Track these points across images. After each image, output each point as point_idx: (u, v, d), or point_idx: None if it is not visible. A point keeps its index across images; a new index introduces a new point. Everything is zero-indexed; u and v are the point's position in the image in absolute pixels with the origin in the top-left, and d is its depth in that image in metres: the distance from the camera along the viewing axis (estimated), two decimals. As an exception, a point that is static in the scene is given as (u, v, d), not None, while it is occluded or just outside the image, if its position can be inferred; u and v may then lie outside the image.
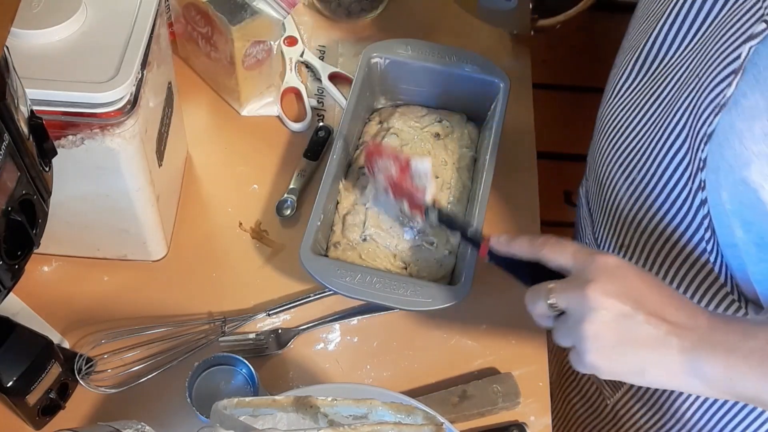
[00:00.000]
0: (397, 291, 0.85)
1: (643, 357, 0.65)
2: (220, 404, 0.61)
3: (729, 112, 0.66)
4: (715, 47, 0.68)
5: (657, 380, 0.66)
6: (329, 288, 0.85)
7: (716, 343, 0.62)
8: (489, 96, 1.00)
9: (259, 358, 0.89)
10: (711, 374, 0.62)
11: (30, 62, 0.73)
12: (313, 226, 0.88)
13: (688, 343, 0.63)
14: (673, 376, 0.65)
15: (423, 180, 0.84)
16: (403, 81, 1.03)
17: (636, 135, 0.79)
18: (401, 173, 0.85)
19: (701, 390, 0.65)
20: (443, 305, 0.86)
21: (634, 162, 0.78)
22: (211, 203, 1.01)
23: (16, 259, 0.65)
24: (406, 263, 0.91)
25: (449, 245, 0.92)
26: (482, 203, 0.91)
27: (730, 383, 0.62)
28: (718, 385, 0.63)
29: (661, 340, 0.64)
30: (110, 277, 0.94)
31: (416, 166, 0.84)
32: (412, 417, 0.62)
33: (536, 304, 0.70)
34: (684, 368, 0.63)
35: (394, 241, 0.91)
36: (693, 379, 0.63)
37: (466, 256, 0.87)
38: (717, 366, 0.62)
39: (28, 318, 0.87)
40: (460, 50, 1.02)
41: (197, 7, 1.01)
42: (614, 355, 0.66)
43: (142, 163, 0.82)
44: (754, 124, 0.64)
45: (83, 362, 0.84)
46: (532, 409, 0.88)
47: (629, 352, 0.65)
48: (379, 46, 1.02)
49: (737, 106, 0.65)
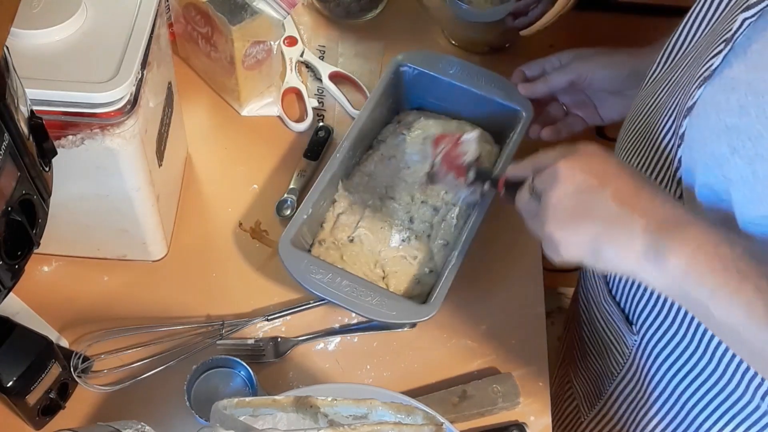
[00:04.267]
0: (364, 298, 0.85)
1: (600, 231, 0.63)
2: (220, 404, 0.61)
3: (712, 84, 0.65)
4: (720, 26, 0.67)
5: (610, 260, 0.64)
6: (297, 281, 0.85)
7: (689, 237, 0.60)
8: (511, 122, 0.99)
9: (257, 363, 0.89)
10: (671, 264, 0.60)
11: (30, 62, 0.73)
12: (299, 219, 0.89)
13: (655, 227, 0.61)
14: (627, 257, 0.62)
15: (467, 146, 0.88)
16: (429, 94, 1.03)
17: (639, 121, 0.78)
18: (453, 147, 0.88)
19: (650, 279, 0.62)
20: (407, 320, 0.87)
21: (633, 147, 0.78)
22: (211, 203, 1.01)
23: (16, 259, 0.65)
24: (385, 273, 0.91)
25: (432, 263, 0.92)
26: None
27: (683, 281, 0.59)
28: (671, 279, 0.60)
29: (624, 217, 0.62)
30: (110, 277, 0.94)
31: (465, 138, 0.89)
32: (412, 417, 0.62)
33: (522, 194, 0.71)
34: (644, 250, 0.61)
35: (379, 247, 0.92)
36: (648, 265, 0.61)
37: (444, 277, 0.87)
38: (681, 257, 0.59)
39: (28, 318, 0.87)
40: (490, 73, 1.01)
41: (197, 7, 1.01)
42: (571, 225, 0.65)
43: (142, 163, 0.82)
44: (732, 95, 0.62)
45: (80, 360, 0.84)
46: (532, 409, 0.88)
47: (587, 224, 0.64)
48: (410, 55, 1.02)
49: (720, 77, 0.64)
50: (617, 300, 0.83)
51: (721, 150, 0.63)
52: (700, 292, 0.59)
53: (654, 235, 0.60)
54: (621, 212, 0.62)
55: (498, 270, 0.97)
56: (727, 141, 0.62)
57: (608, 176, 0.64)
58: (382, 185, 0.97)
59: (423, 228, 0.94)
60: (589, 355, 0.96)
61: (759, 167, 0.60)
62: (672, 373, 0.78)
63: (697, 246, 0.59)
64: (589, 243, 0.64)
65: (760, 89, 0.60)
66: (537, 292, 0.95)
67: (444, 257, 0.91)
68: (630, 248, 0.62)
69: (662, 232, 0.60)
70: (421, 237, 0.93)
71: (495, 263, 0.97)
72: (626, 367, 0.86)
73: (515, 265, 0.97)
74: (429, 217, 0.94)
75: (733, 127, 0.62)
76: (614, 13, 1.22)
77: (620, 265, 0.64)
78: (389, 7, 1.19)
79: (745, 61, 0.62)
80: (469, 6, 1.07)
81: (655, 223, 0.61)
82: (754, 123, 0.60)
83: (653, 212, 0.62)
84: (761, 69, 0.61)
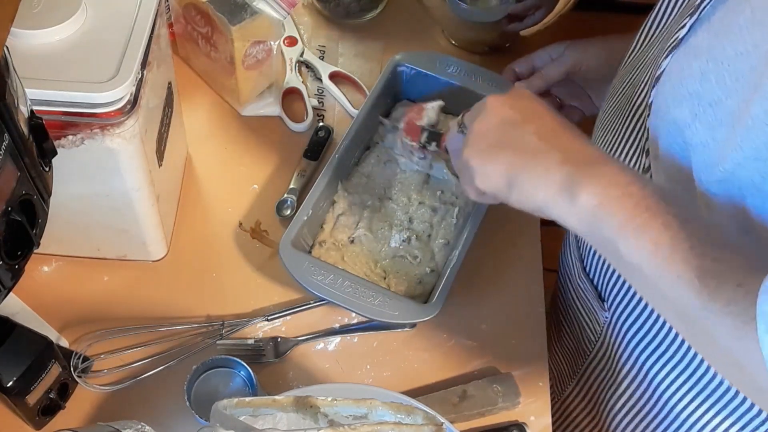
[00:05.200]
0: (366, 298, 0.85)
1: (517, 162, 0.64)
2: (220, 404, 0.61)
3: (677, 51, 0.66)
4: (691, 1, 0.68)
5: (524, 192, 0.64)
6: (299, 283, 0.85)
7: (602, 173, 0.60)
8: None
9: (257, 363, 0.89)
10: (583, 200, 0.60)
11: (30, 62, 0.73)
12: (299, 220, 0.89)
13: (572, 163, 0.62)
14: (541, 189, 0.63)
15: (427, 113, 0.88)
16: (428, 94, 1.02)
17: (616, 99, 0.79)
18: (415, 114, 0.89)
19: (559, 213, 0.63)
20: (409, 320, 0.86)
21: (610, 123, 0.79)
22: (211, 203, 1.01)
23: (16, 259, 0.65)
24: (386, 273, 0.91)
25: (433, 263, 0.92)
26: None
27: (594, 218, 0.60)
28: (581, 214, 0.61)
29: (543, 151, 0.63)
30: (110, 277, 0.94)
31: (427, 106, 0.89)
32: (412, 417, 0.62)
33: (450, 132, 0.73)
34: (557, 182, 0.62)
35: (379, 247, 0.92)
36: (560, 199, 0.62)
37: (446, 276, 0.87)
38: (593, 192, 0.60)
39: (28, 318, 0.87)
40: (486, 72, 1.02)
41: (197, 7, 1.01)
42: (490, 153, 0.66)
43: (142, 163, 0.82)
44: (694, 62, 0.63)
45: (80, 360, 0.84)
46: (532, 409, 0.88)
47: (505, 153, 0.65)
48: (408, 55, 1.02)
49: (685, 44, 0.65)
50: (590, 276, 0.85)
51: (683, 116, 0.63)
52: (608, 229, 0.59)
53: (569, 169, 0.61)
54: (540, 146, 0.64)
55: (498, 270, 0.97)
56: (689, 107, 0.63)
57: (534, 115, 0.67)
58: (381, 186, 0.97)
59: (423, 228, 0.94)
60: (564, 333, 0.98)
61: (718, 133, 0.60)
62: (640, 350, 0.79)
63: (609, 183, 0.60)
64: (504, 172, 0.65)
65: (720, 56, 0.60)
66: (537, 292, 0.95)
67: (445, 257, 0.91)
68: (545, 180, 0.62)
69: (578, 167, 0.61)
70: (422, 237, 0.93)
71: (495, 263, 0.97)
72: (598, 344, 0.87)
73: (515, 265, 0.97)
74: (428, 217, 0.94)
75: (694, 93, 0.62)
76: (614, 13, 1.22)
77: (533, 198, 0.64)
78: (389, 7, 1.19)
79: (708, 29, 0.63)
80: (469, 6, 1.07)
81: (572, 159, 0.62)
82: (714, 89, 0.61)
83: (572, 150, 0.63)
84: (722, 36, 0.61)
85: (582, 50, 0.97)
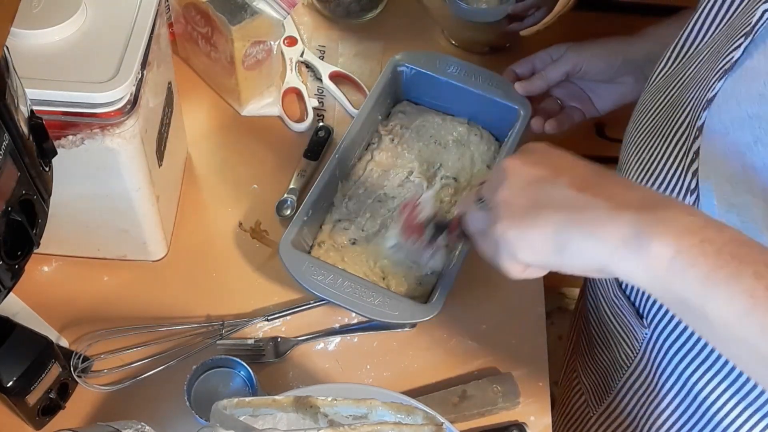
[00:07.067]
0: (366, 298, 0.85)
1: (561, 221, 0.54)
2: (220, 404, 0.61)
3: (732, 75, 0.64)
4: (738, 21, 0.67)
5: (577, 253, 0.54)
6: (300, 284, 0.85)
7: (670, 218, 0.51)
8: (509, 121, 0.99)
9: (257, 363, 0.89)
10: (655, 251, 0.51)
11: (30, 62, 0.73)
12: (299, 220, 0.89)
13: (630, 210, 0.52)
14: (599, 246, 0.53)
15: (423, 206, 0.81)
16: (427, 94, 1.03)
17: (650, 117, 0.78)
18: (411, 214, 0.82)
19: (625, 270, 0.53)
20: (409, 321, 0.86)
21: (644, 143, 0.77)
22: (211, 203, 1.01)
23: (16, 259, 0.65)
24: (385, 274, 0.91)
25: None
26: None
27: (669, 272, 0.51)
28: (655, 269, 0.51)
29: (589, 203, 0.53)
30: (110, 277, 0.94)
31: (421, 199, 0.82)
32: (412, 417, 0.62)
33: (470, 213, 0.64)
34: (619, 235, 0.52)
35: (379, 248, 0.92)
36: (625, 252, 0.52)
37: (446, 276, 0.87)
38: (667, 244, 0.51)
39: (28, 318, 0.87)
40: (487, 72, 1.02)
41: (197, 7, 1.01)
42: (527, 218, 0.56)
43: (142, 163, 0.82)
44: (752, 85, 0.62)
45: (80, 360, 0.84)
46: (532, 409, 0.88)
47: (546, 213, 0.55)
48: (408, 55, 1.02)
49: (741, 68, 0.64)
50: (627, 294, 0.83)
51: (743, 139, 0.62)
52: (690, 283, 0.51)
53: (629, 217, 0.52)
54: (583, 198, 0.54)
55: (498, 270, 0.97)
56: (750, 130, 0.61)
57: (562, 166, 0.58)
58: (380, 187, 0.97)
59: None
60: (597, 348, 0.96)
61: None
62: (684, 365, 0.77)
63: (682, 228, 0.51)
64: (551, 235, 0.55)
65: None
66: (537, 292, 0.95)
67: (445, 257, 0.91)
68: (602, 234, 0.53)
69: (639, 213, 0.52)
70: None
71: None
72: (636, 360, 0.86)
73: (515, 265, 0.97)
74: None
75: (754, 115, 0.61)
76: (614, 13, 1.22)
77: (592, 257, 0.54)
78: (389, 7, 1.19)
79: (764, 51, 0.62)
80: (469, 6, 1.07)
81: (626, 206, 0.53)
82: None
83: (620, 196, 0.54)
84: None
85: (582, 51, 0.97)
